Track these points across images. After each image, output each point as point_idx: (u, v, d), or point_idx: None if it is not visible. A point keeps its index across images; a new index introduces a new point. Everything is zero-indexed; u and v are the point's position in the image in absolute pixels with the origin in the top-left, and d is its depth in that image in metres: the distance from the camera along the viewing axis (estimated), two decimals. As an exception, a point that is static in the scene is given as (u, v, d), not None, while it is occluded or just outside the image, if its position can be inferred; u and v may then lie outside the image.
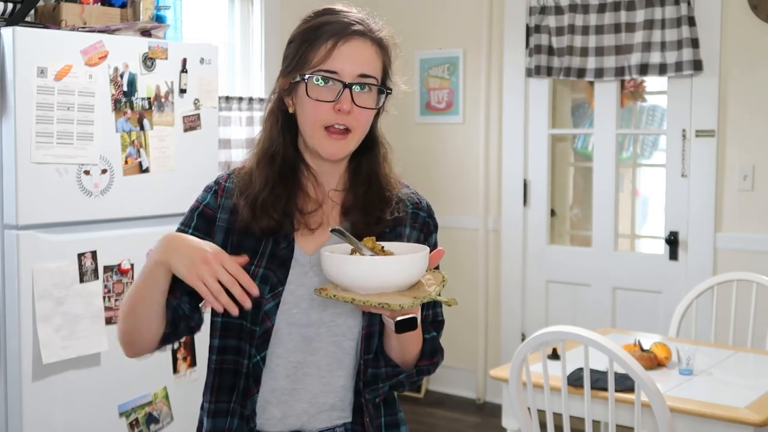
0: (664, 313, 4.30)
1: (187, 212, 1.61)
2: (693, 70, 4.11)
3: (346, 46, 1.50)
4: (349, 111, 1.49)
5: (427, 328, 1.60)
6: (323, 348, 1.54)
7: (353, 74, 1.50)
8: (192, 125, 3.28)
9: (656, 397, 2.43)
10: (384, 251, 1.44)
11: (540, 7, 4.55)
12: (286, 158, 1.56)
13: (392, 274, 1.37)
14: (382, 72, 1.55)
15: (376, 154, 1.61)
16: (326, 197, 1.59)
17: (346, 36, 1.50)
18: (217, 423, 1.56)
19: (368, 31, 1.53)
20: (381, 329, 1.55)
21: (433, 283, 1.45)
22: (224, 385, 1.56)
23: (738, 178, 4.14)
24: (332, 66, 1.49)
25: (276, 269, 1.53)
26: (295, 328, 1.53)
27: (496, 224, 4.87)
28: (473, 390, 4.97)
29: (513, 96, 4.76)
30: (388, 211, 1.57)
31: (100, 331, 2.96)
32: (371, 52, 1.52)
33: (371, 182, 1.58)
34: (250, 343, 1.52)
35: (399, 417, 1.65)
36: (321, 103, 1.49)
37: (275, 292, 1.52)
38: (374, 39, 1.53)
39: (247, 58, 4.45)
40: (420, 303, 1.37)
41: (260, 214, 1.52)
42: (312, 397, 1.55)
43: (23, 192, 2.81)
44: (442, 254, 1.49)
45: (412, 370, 1.58)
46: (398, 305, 1.35)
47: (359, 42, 1.51)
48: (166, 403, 3.21)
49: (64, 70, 2.87)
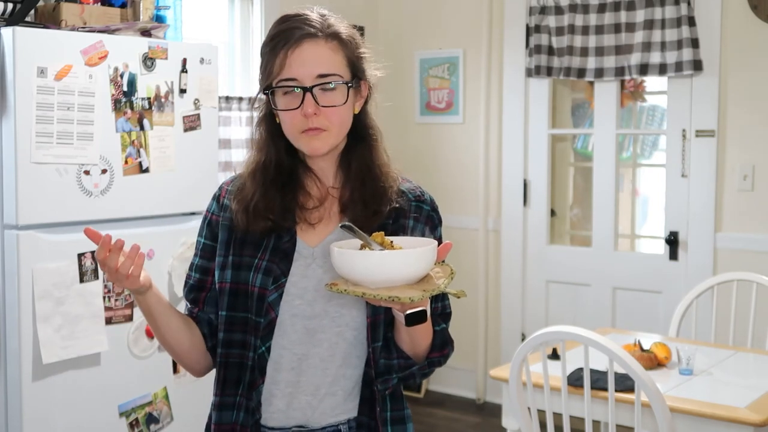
0: (664, 313, 4.31)
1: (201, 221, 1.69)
2: (693, 70, 4.11)
3: (297, 51, 1.52)
4: (315, 113, 1.51)
5: (437, 320, 1.62)
6: (327, 339, 1.56)
7: (311, 76, 1.52)
8: (192, 125, 3.28)
9: (656, 397, 2.43)
10: (393, 246, 1.46)
11: (540, 7, 4.55)
12: (280, 164, 1.60)
13: (401, 268, 1.40)
14: (346, 65, 1.56)
15: (367, 145, 1.62)
16: (327, 194, 1.62)
17: (295, 42, 1.52)
18: (224, 416, 1.58)
19: (319, 31, 1.54)
20: (387, 318, 1.57)
21: (441, 276, 1.47)
22: (230, 378, 1.59)
23: (738, 178, 4.14)
24: (289, 74, 1.52)
25: (279, 261, 1.56)
26: (299, 319, 1.55)
27: (496, 224, 4.87)
28: (473, 390, 4.98)
29: (513, 96, 4.76)
30: (385, 202, 1.59)
31: (100, 331, 2.96)
32: (325, 51, 1.54)
33: (364, 176, 1.60)
34: (255, 334, 1.55)
35: (405, 413, 1.66)
36: (289, 112, 1.53)
37: (278, 284, 1.55)
38: (328, 36, 1.54)
39: (247, 58, 4.45)
40: (429, 296, 1.40)
41: (254, 217, 1.57)
42: (315, 389, 1.57)
43: (23, 192, 2.81)
44: (449, 248, 1.50)
45: (423, 362, 1.60)
46: (408, 298, 1.37)
47: (310, 44, 1.53)
48: (166, 403, 3.21)
49: (64, 70, 2.87)
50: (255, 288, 1.55)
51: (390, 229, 1.58)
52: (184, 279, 1.71)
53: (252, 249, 1.57)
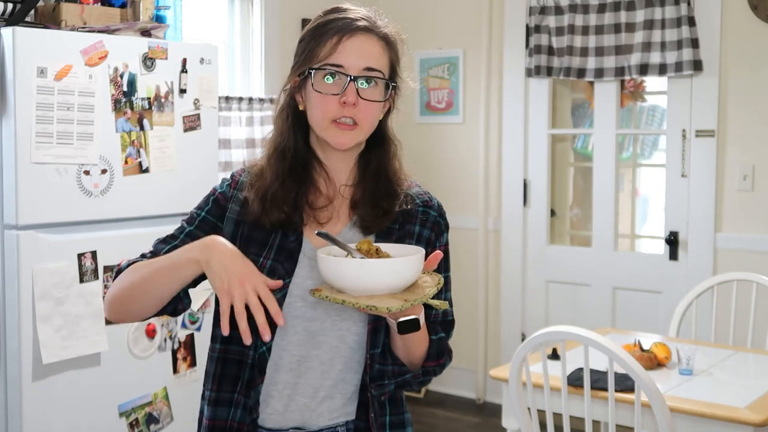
0: (664, 313, 4.31)
1: (202, 198, 1.65)
2: (693, 70, 4.11)
3: (351, 40, 1.52)
4: (354, 103, 1.51)
5: (436, 328, 1.60)
6: (327, 342, 1.55)
7: (358, 68, 1.51)
8: (192, 125, 3.28)
9: (656, 397, 2.43)
10: (379, 253, 1.44)
11: (540, 7, 4.55)
12: (297, 153, 1.59)
13: (382, 277, 1.38)
14: (389, 67, 1.57)
15: (385, 150, 1.63)
16: (337, 193, 1.60)
17: (351, 31, 1.52)
18: (219, 412, 1.57)
19: (373, 27, 1.55)
20: (387, 325, 1.55)
21: (429, 285, 1.44)
22: (228, 374, 1.57)
23: (738, 178, 4.14)
24: (337, 60, 1.51)
25: (284, 261, 1.54)
26: (300, 321, 1.54)
27: (496, 224, 4.87)
28: (473, 390, 4.98)
29: (513, 96, 4.76)
30: (396, 203, 1.59)
31: (100, 331, 2.96)
32: (377, 47, 1.54)
33: (380, 177, 1.60)
34: (256, 333, 1.52)
35: (405, 417, 1.65)
36: (327, 96, 1.52)
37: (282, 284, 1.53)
38: (379, 35, 1.56)
39: (247, 58, 4.45)
40: (410, 305, 1.37)
41: (270, 207, 1.54)
42: (314, 391, 1.56)
43: (23, 192, 2.81)
44: (439, 257, 1.49)
45: (418, 371, 1.58)
46: (386, 308, 1.35)
47: (364, 37, 1.53)
48: (166, 403, 3.21)
49: (64, 70, 2.87)
50: None
51: (396, 234, 1.57)
52: (163, 236, 1.63)
53: (257, 247, 1.55)
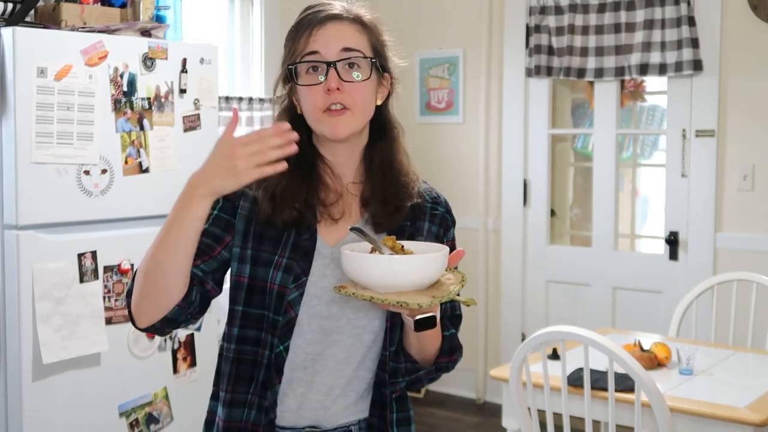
0: (664, 313, 4.30)
1: None
2: (693, 70, 4.11)
3: (323, 28, 1.53)
4: (338, 88, 1.50)
5: (446, 324, 1.62)
6: (343, 340, 1.55)
7: (335, 51, 1.52)
8: (192, 125, 3.28)
9: (656, 397, 2.43)
10: (404, 250, 1.45)
11: (540, 7, 4.55)
12: (301, 150, 1.56)
13: (410, 273, 1.39)
14: (370, 48, 1.56)
15: (389, 140, 1.63)
16: (345, 189, 1.60)
17: (321, 20, 1.54)
18: (234, 413, 1.56)
19: (344, 14, 1.56)
20: (402, 322, 1.55)
21: (453, 282, 1.47)
22: (242, 375, 1.56)
23: (738, 178, 4.14)
24: (312, 47, 1.52)
25: (299, 259, 1.53)
26: (316, 319, 1.54)
27: (496, 224, 4.87)
28: (473, 390, 4.98)
29: (513, 96, 4.76)
30: (406, 198, 1.59)
31: (100, 331, 2.96)
32: (350, 29, 1.55)
33: (386, 170, 1.60)
34: (272, 332, 1.53)
35: (410, 414, 1.66)
36: (313, 88, 1.52)
37: (299, 282, 1.52)
38: (351, 19, 1.56)
39: (247, 58, 4.45)
40: (438, 302, 1.39)
41: (281, 205, 1.53)
42: (329, 389, 1.56)
43: (23, 192, 2.81)
44: (462, 255, 1.51)
45: (431, 367, 1.59)
46: (416, 304, 1.36)
47: (336, 23, 1.54)
48: (166, 403, 3.21)
49: (64, 70, 2.87)
50: (275, 285, 1.52)
51: (408, 231, 1.58)
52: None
53: (271, 245, 1.54)
